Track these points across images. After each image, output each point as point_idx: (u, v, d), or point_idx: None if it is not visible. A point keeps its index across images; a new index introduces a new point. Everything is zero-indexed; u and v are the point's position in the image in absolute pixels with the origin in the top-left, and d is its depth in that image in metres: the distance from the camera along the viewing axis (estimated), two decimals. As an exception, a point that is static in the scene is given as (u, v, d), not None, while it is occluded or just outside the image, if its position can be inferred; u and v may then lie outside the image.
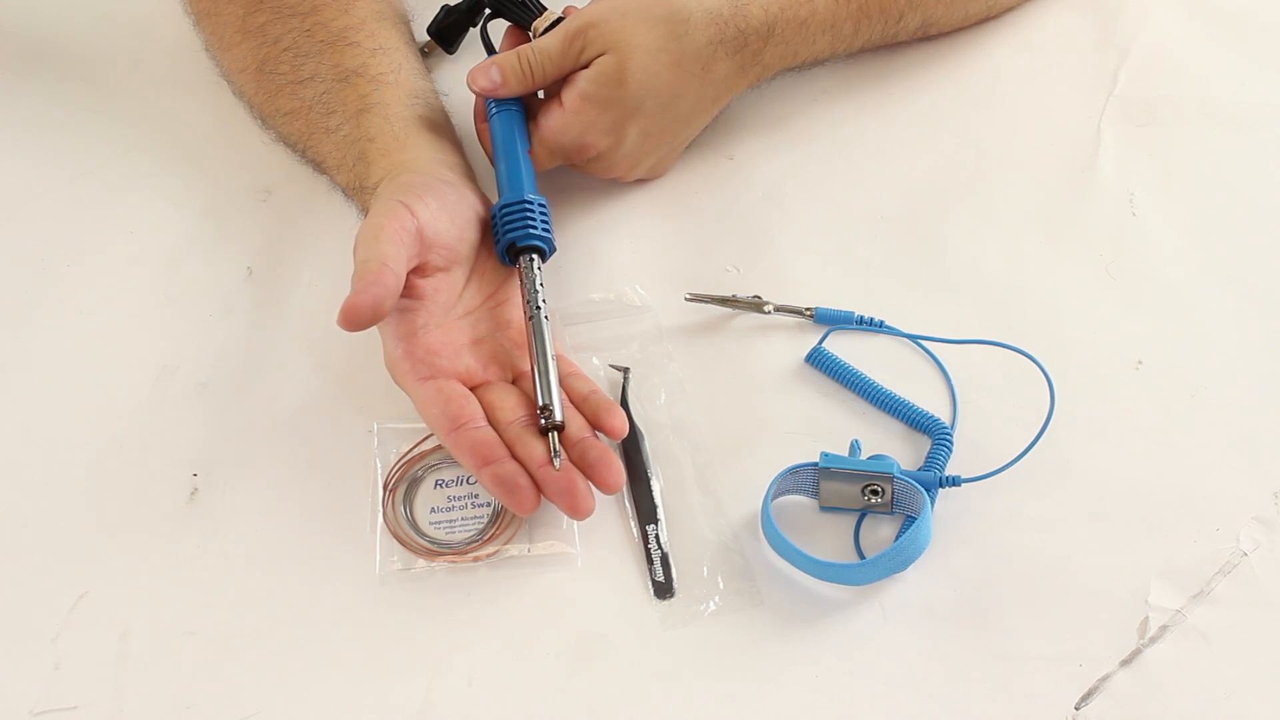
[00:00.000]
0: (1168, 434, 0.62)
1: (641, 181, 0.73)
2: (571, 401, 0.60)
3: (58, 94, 0.78)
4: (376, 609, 0.57)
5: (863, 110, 0.77)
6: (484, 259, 0.64)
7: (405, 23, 0.75)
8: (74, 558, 0.58)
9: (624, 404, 0.63)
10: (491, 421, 0.58)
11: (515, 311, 0.63)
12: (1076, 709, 0.54)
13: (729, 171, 0.74)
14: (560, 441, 0.57)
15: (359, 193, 0.66)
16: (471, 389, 0.60)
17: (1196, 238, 0.70)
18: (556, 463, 0.56)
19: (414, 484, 0.61)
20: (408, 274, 0.58)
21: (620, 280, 0.68)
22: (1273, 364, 0.65)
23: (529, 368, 0.59)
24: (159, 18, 0.80)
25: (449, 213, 0.61)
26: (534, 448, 0.57)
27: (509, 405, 0.59)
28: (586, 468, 0.57)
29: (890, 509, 0.59)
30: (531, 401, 0.59)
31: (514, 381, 0.61)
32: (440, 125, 0.69)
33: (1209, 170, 0.73)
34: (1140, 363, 0.65)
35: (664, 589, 0.58)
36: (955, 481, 0.58)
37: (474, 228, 0.63)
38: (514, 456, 0.57)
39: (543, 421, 0.57)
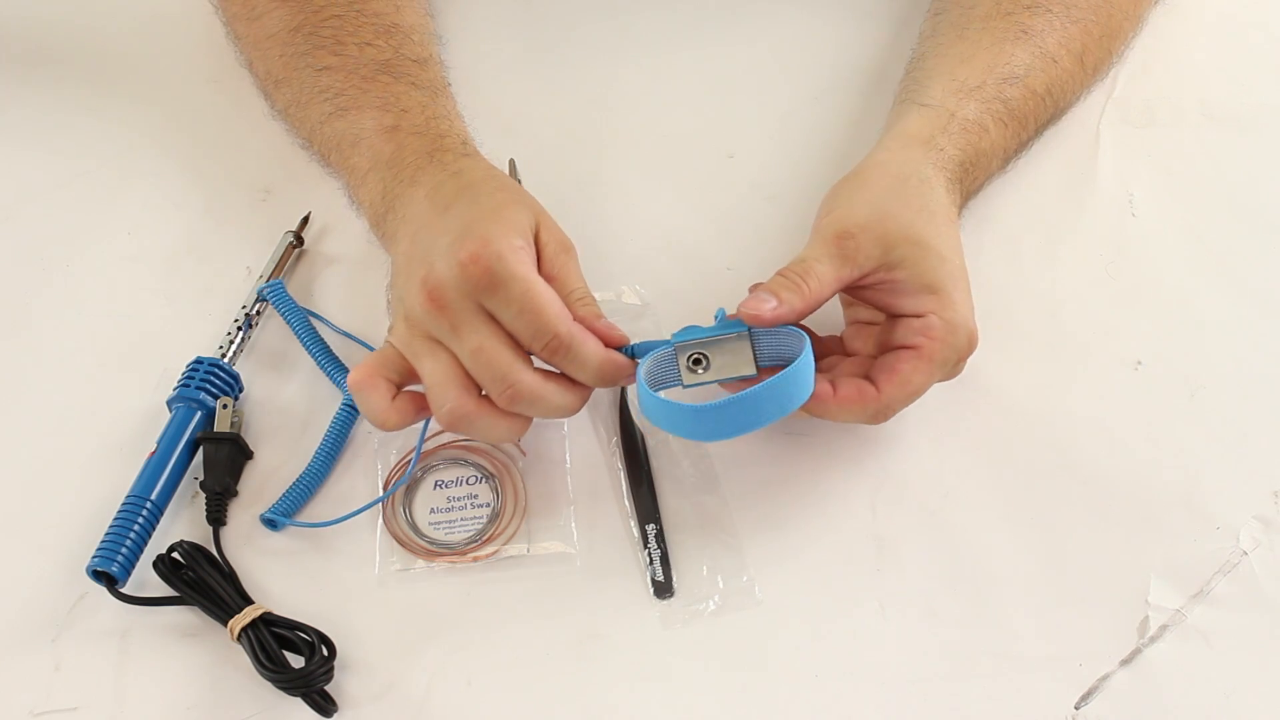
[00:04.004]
0: (1168, 434, 0.62)
1: (642, 180, 0.73)
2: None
3: (58, 94, 0.78)
4: (376, 609, 0.57)
5: (863, 109, 0.77)
6: None
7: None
8: (74, 558, 0.58)
9: (623, 404, 0.63)
10: None
11: None
12: (1076, 709, 0.54)
13: (729, 171, 0.74)
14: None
15: (416, 136, 0.64)
16: None
17: (1196, 238, 0.70)
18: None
19: (413, 485, 0.61)
20: None
21: (619, 280, 0.68)
22: (1272, 364, 0.65)
23: None
24: (159, 18, 0.80)
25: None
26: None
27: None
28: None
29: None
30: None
31: None
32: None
33: (1208, 171, 0.73)
34: (1140, 363, 0.65)
35: (664, 589, 0.58)
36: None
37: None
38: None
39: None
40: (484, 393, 0.55)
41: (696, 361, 0.56)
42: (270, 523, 0.59)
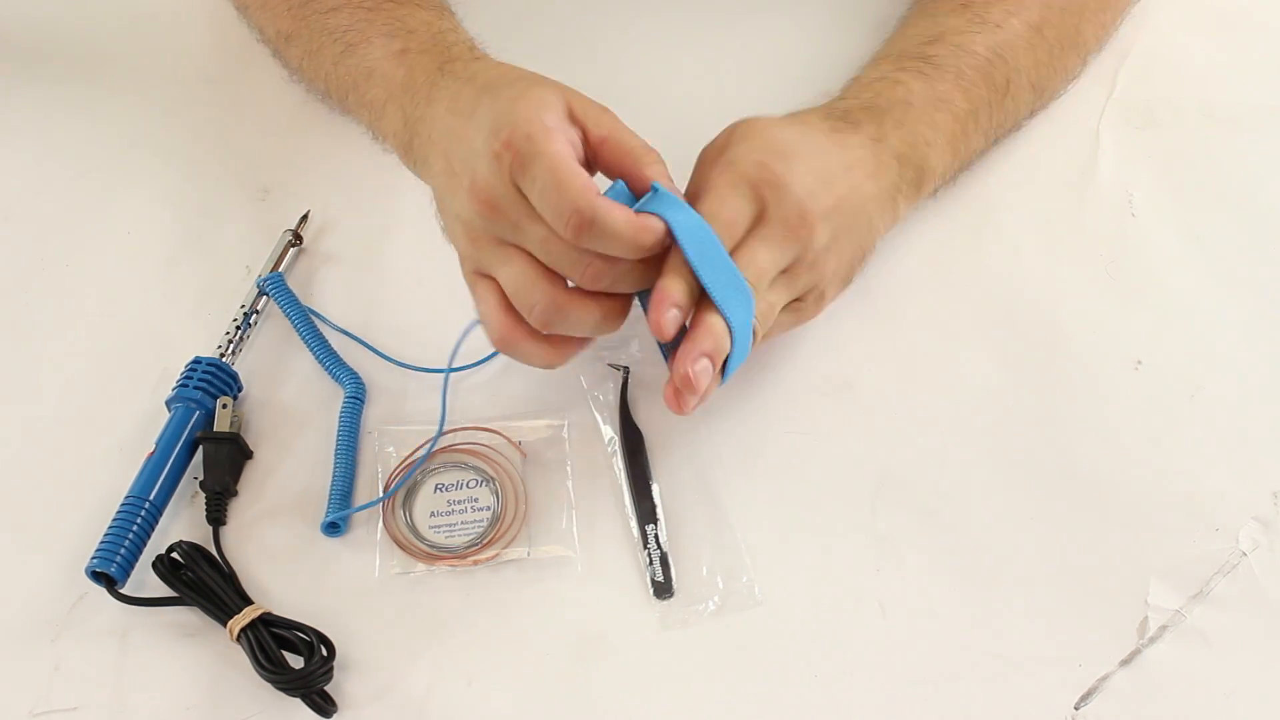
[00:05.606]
0: (1168, 434, 0.62)
1: None
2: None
3: (58, 94, 0.78)
4: (376, 610, 0.57)
5: (862, 110, 0.77)
6: None
7: None
8: (73, 558, 0.58)
9: (623, 404, 0.63)
10: None
11: None
12: (1076, 709, 0.54)
13: (729, 171, 0.74)
14: None
15: (424, 55, 0.63)
16: None
17: (1196, 238, 0.70)
18: None
19: (414, 488, 0.61)
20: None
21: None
22: (1272, 364, 0.65)
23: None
24: (158, 17, 0.80)
25: None
26: None
27: None
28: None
29: None
30: None
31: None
32: None
33: (1208, 171, 0.73)
34: (1140, 363, 0.65)
35: (663, 589, 0.58)
36: None
37: None
38: None
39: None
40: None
41: None
42: (334, 526, 0.59)
